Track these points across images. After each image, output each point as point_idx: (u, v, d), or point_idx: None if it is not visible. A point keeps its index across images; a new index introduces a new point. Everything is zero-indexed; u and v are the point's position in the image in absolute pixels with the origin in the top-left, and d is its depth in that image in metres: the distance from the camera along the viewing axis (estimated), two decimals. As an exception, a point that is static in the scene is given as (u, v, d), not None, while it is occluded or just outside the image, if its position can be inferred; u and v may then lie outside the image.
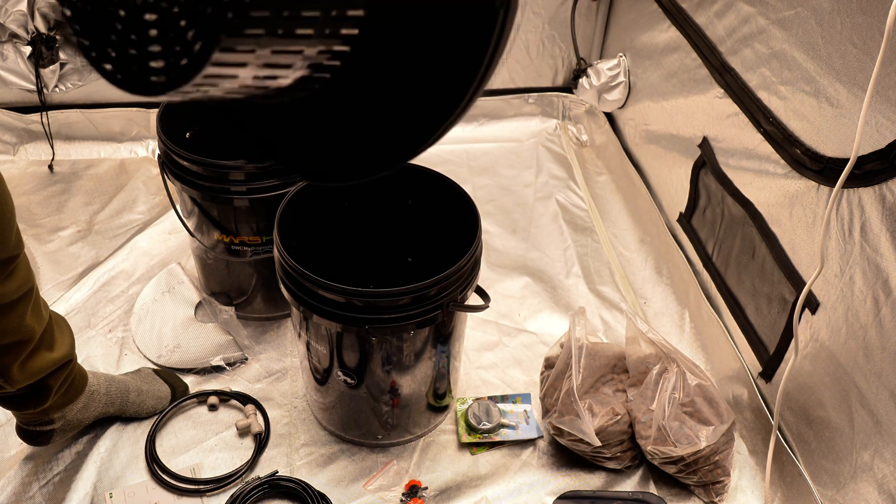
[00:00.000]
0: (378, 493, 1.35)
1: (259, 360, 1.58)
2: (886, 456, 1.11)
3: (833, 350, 1.23)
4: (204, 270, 1.66)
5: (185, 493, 1.33)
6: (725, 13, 1.58)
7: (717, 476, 1.33)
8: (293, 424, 1.46)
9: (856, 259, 1.16)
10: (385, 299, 1.12)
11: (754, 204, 1.48)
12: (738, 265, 1.57)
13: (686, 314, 1.72)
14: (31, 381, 1.16)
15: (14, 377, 1.13)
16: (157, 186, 2.05)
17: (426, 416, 1.43)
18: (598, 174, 2.23)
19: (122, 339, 1.61)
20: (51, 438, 1.32)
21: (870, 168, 1.11)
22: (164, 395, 1.45)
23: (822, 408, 1.27)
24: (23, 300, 1.08)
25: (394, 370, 1.28)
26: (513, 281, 1.83)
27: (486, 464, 1.41)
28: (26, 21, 1.93)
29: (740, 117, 1.52)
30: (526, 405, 1.50)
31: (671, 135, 1.89)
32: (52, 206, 1.96)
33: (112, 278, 1.75)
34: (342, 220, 1.40)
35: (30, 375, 1.15)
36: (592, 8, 2.28)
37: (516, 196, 2.12)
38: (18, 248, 1.05)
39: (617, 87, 2.21)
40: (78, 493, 1.32)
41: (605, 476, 1.39)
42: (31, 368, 1.15)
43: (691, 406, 1.33)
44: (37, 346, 1.15)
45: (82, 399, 1.32)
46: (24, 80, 2.01)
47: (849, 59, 1.18)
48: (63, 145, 2.14)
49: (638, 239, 1.97)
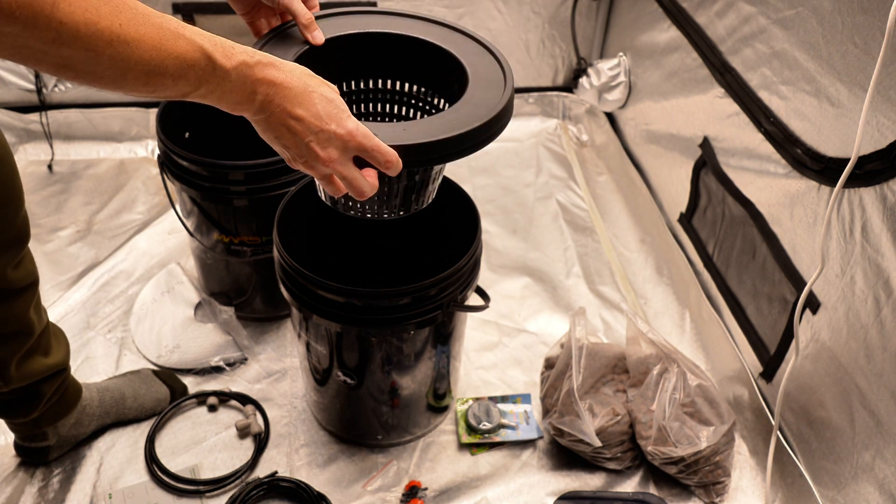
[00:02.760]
0: (378, 493, 1.35)
1: (259, 361, 1.58)
2: (887, 456, 1.11)
3: (834, 350, 1.23)
4: (203, 270, 1.65)
5: (185, 494, 1.33)
6: (726, 13, 1.58)
7: (717, 476, 1.33)
8: (293, 425, 1.46)
9: (857, 259, 1.16)
10: (385, 299, 1.12)
11: (755, 204, 1.48)
12: (738, 265, 1.57)
13: (686, 314, 1.72)
14: (24, 384, 1.16)
15: (10, 374, 1.13)
16: (156, 186, 2.05)
17: (426, 416, 1.43)
18: (599, 174, 2.23)
19: (121, 340, 1.60)
20: (47, 455, 1.33)
21: (871, 168, 1.11)
22: (163, 396, 1.45)
23: (823, 408, 1.27)
24: (28, 291, 1.09)
25: (394, 370, 1.28)
26: (513, 281, 1.82)
27: (486, 464, 1.41)
28: (26, 21, 1.93)
29: (741, 117, 1.52)
30: (526, 405, 1.49)
31: (672, 135, 1.89)
32: (52, 206, 1.96)
33: (111, 278, 1.75)
34: (342, 219, 1.39)
35: (24, 376, 1.15)
36: (592, 8, 2.28)
37: (516, 196, 2.11)
38: (25, 232, 1.05)
39: (617, 87, 2.21)
40: (77, 494, 1.32)
41: (605, 476, 1.39)
42: (27, 369, 1.15)
43: (692, 406, 1.33)
44: (34, 346, 1.15)
45: (74, 414, 1.32)
46: (24, 80, 2.01)
47: (850, 58, 1.17)
48: (62, 145, 2.14)
49: (638, 239, 1.97)
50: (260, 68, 0.72)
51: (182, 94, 0.69)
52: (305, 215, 1.33)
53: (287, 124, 0.76)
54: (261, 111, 0.75)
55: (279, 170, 1.38)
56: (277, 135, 0.77)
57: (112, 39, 0.60)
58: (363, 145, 0.78)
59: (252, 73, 0.72)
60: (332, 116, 0.76)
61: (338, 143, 0.77)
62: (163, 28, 0.64)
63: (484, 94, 0.94)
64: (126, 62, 0.62)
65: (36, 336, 1.15)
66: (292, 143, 0.77)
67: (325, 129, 0.76)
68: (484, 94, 0.94)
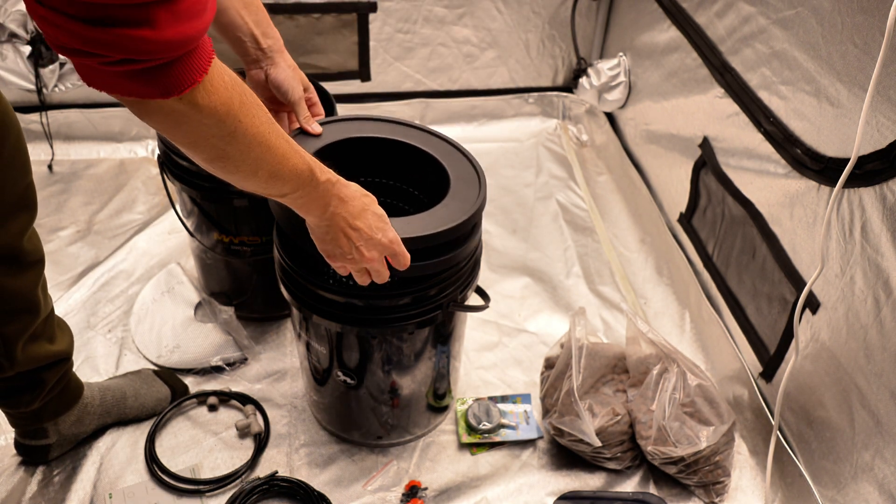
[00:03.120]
0: (378, 493, 1.35)
1: (259, 361, 1.58)
2: (887, 456, 1.11)
3: (834, 350, 1.23)
4: (204, 270, 1.66)
5: (185, 494, 1.33)
6: (726, 13, 1.58)
7: (717, 476, 1.33)
8: (293, 424, 1.46)
9: (856, 259, 1.16)
10: (385, 299, 1.12)
11: (755, 204, 1.48)
12: (738, 265, 1.57)
13: (686, 314, 1.72)
14: (29, 368, 1.17)
15: (16, 356, 1.14)
16: (156, 186, 2.05)
17: (426, 416, 1.43)
18: (599, 174, 2.23)
19: (121, 340, 1.60)
20: (48, 454, 1.33)
21: (870, 168, 1.11)
22: (164, 396, 1.45)
23: (823, 408, 1.27)
24: (36, 267, 1.12)
25: (394, 370, 1.28)
26: (513, 281, 1.82)
27: (486, 464, 1.41)
28: (26, 21, 1.93)
29: (741, 117, 1.52)
30: (526, 405, 1.49)
31: (671, 135, 1.89)
32: (52, 206, 1.96)
33: (112, 278, 1.75)
34: None
35: (29, 360, 1.16)
36: (592, 8, 2.28)
37: (516, 196, 2.11)
38: (33, 200, 1.08)
39: (617, 87, 2.21)
40: (78, 494, 1.32)
41: (605, 476, 1.39)
42: (32, 353, 1.16)
43: (692, 406, 1.33)
44: (40, 331, 1.17)
45: (76, 411, 1.32)
46: (24, 80, 2.01)
47: (849, 58, 1.18)
48: (62, 145, 2.14)
49: (638, 239, 1.97)
50: (338, 187, 0.94)
51: (283, 194, 0.89)
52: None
53: (346, 231, 0.97)
54: (327, 218, 0.96)
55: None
56: (334, 237, 0.98)
57: (262, 143, 0.79)
58: (396, 251, 1.01)
59: (332, 188, 0.94)
60: (380, 228, 0.99)
61: (380, 248, 0.99)
62: (289, 142, 0.85)
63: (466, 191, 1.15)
64: (262, 162, 0.81)
65: (42, 318, 1.16)
66: (346, 245, 0.98)
67: (374, 237, 0.98)
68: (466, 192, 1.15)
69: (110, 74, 0.64)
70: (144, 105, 0.69)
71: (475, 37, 2.25)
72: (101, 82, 0.65)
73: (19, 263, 1.08)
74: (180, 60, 0.66)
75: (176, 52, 0.64)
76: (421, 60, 2.27)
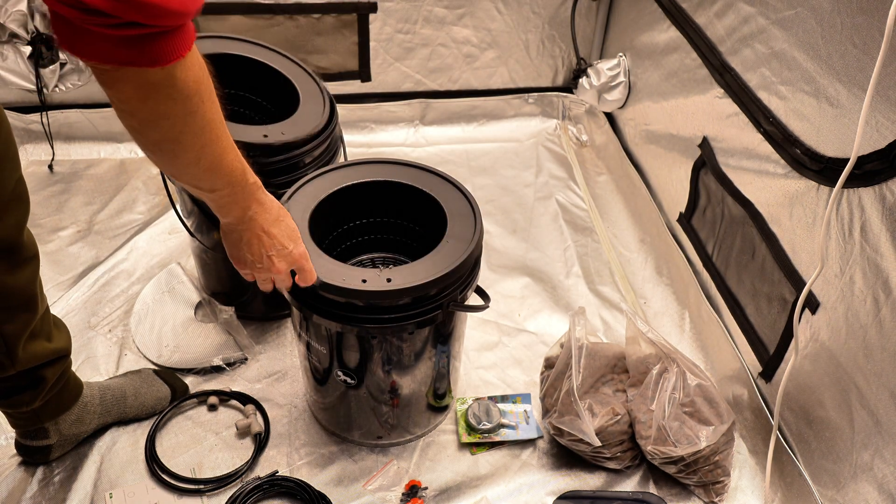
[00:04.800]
0: (378, 493, 1.35)
1: (259, 360, 1.58)
2: (886, 456, 1.11)
3: (833, 350, 1.23)
4: (204, 270, 1.66)
5: (185, 493, 1.33)
6: (725, 13, 1.58)
7: (717, 476, 1.33)
8: (293, 424, 1.46)
9: (856, 259, 1.16)
10: (385, 299, 1.12)
11: (754, 204, 1.49)
12: (738, 265, 1.57)
13: (686, 314, 1.72)
14: (29, 366, 1.17)
15: (18, 355, 1.14)
16: (156, 186, 2.05)
17: (426, 416, 1.43)
18: (598, 174, 2.23)
19: (122, 339, 1.61)
20: (48, 454, 1.33)
21: (870, 168, 1.11)
22: (164, 395, 1.45)
23: (822, 408, 1.27)
24: (32, 262, 1.12)
25: (394, 370, 1.28)
26: (513, 281, 1.83)
27: (486, 464, 1.41)
28: (26, 21, 1.93)
29: (740, 117, 1.52)
30: (526, 405, 1.50)
31: (671, 135, 1.89)
32: (52, 206, 1.96)
33: (112, 278, 1.75)
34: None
35: (29, 358, 1.17)
36: (592, 8, 2.28)
37: (516, 196, 2.12)
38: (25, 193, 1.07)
39: (617, 87, 2.21)
40: (78, 493, 1.32)
41: (605, 476, 1.39)
42: (31, 351, 1.16)
43: (691, 406, 1.34)
44: (38, 329, 1.17)
45: (76, 410, 1.32)
46: (24, 80, 2.01)
47: (849, 58, 1.18)
48: (63, 145, 2.14)
49: (638, 239, 1.97)
50: (261, 192, 0.99)
51: (213, 189, 0.92)
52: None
53: (260, 237, 1.00)
54: (244, 222, 0.99)
55: (279, 169, 1.39)
56: (248, 241, 1.01)
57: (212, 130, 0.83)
58: (304, 266, 1.06)
59: (256, 192, 0.97)
60: (292, 240, 1.04)
61: (290, 260, 1.04)
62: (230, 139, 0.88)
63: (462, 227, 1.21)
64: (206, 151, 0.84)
65: (39, 316, 1.16)
66: (257, 253, 1.02)
67: (286, 247, 1.02)
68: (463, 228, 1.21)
69: (103, 38, 0.66)
70: (120, 73, 0.71)
71: (475, 37, 2.26)
72: (86, 48, 0.67)
73: (18, 258, 1.08)
74: (174, 32, 0.69)
75: (177, 22, 0.68)
76: (421, 61, 2.27)
